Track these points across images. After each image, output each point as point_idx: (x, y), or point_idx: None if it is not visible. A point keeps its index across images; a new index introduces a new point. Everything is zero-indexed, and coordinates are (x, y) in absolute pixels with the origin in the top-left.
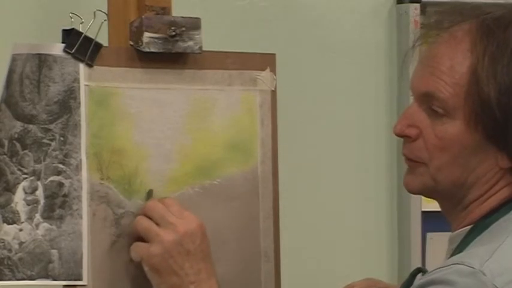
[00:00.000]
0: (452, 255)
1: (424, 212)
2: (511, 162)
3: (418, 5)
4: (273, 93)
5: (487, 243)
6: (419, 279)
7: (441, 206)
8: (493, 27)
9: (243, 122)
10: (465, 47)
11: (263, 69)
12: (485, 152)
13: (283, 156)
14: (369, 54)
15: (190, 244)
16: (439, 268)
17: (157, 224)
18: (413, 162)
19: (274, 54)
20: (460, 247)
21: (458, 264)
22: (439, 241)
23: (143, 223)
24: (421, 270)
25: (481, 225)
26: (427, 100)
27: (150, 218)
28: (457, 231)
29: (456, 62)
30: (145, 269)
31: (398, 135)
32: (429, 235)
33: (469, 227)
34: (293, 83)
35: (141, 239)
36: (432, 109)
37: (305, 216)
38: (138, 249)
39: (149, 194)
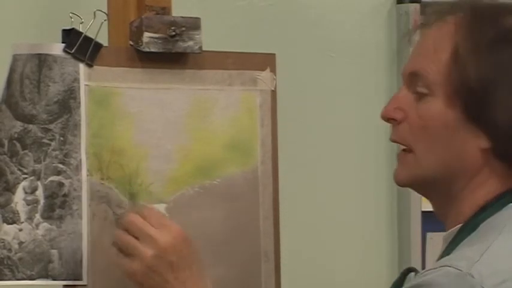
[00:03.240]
0: (442, 256)
1: (424, 212)
2: (489, 142)
3: (418, 5)
4: (273, 93)
5: (475, 244)
6: (409, 280)
7: (433, 204)
8: (482, 12)
9: (243, 122)
10: (451, 29)
11: (263, 69)
12: (466, 132)
13: (283, 156)
14: (369, 54)
15: (172, 255)
16: (428, 270)
17: (137, 238)
18: (401, 155)
19: (274, 54)
20: (449, 248)
21: (446, 266)
22: (439, 241)
23: (123, 238)
24: (411, 270)
25: (470, 224)
26: (413, 80)
27: (130, 232)
28: (449, 231)
29: (441, 41)
30: (134, 284)
31: (384, 117)
32: (429, 235)
33: (459, 225)
34: (293, 83)
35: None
36: (417, 91)
37: (305, 216)
38: (121, 265)
39: (132, 197)
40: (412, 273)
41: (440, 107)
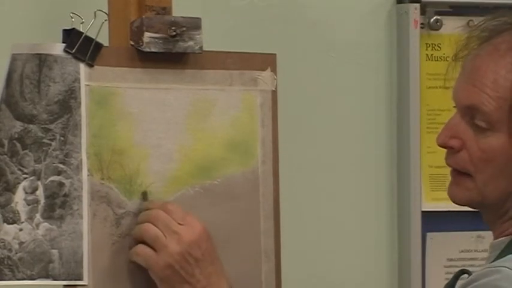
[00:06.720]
0: (494, 261)
1: (424, 212)
2: None
3: (418, 5)
4: (274, 93)
5: None
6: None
7: (484, 216)
8: None
9: (244, 122)
10: (509, 61)
11: (264, 69)
12: None
13: (284, 156)
14: (369, 55)
15: (198, 251)
16: (483, 271)
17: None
18: (458, 174)
19: (274, 54)
20: (501, 255)
21: (503, 267)
22: (439, 241)
23: (150, 232)
24: (464, 271)
25: None
26: (470, 112)
27: (155, 225)
28: (500, 239)
29: (500, 76)
30: (155, 279)
31: (441, 146)
32: (429, 235)
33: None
34: (293, 83)
35: (144, 241)
36: (476, 123)
37: (305, 216)
38: (146, 258)
39: (144, 196)
40: (466, 275)
41: (503, 143)
